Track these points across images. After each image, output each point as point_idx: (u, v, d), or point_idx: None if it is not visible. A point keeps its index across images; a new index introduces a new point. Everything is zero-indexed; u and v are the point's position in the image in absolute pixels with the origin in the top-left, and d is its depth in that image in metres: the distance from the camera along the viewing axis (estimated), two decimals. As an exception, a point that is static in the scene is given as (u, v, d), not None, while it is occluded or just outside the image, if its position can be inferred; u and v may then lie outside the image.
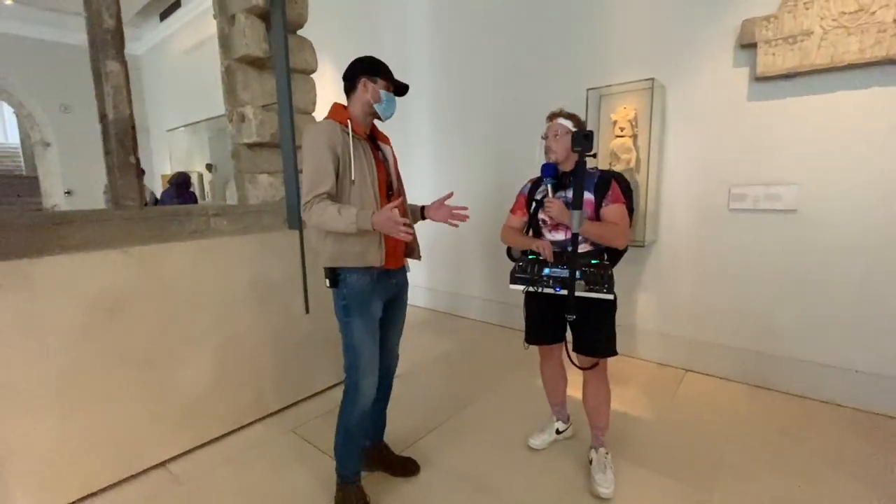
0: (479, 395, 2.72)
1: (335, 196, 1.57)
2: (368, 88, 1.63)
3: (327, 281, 1.67)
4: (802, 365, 2.58)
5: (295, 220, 2.60)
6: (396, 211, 1.48)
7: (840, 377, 2.48)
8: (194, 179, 7.51)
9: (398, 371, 2.00)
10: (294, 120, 2.57)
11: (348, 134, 1.57)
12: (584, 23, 3.18)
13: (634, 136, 2.93)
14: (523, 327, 2.04)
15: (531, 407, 2.51)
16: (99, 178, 6.55)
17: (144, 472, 2.02)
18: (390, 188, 1.73)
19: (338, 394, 2.73)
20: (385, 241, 1.63)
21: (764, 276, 2.66)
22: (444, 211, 1.79)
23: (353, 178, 1.57)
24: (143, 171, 6.00)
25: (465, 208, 1.78)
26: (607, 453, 1.94)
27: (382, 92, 1.63)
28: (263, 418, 2.48)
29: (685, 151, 2.86)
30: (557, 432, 2.20)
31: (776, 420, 2.37)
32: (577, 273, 1.69)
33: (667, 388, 2.76)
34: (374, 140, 1.75)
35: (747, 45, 2.51)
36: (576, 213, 1.63)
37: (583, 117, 2.98)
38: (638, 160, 2.94)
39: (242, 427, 2.39)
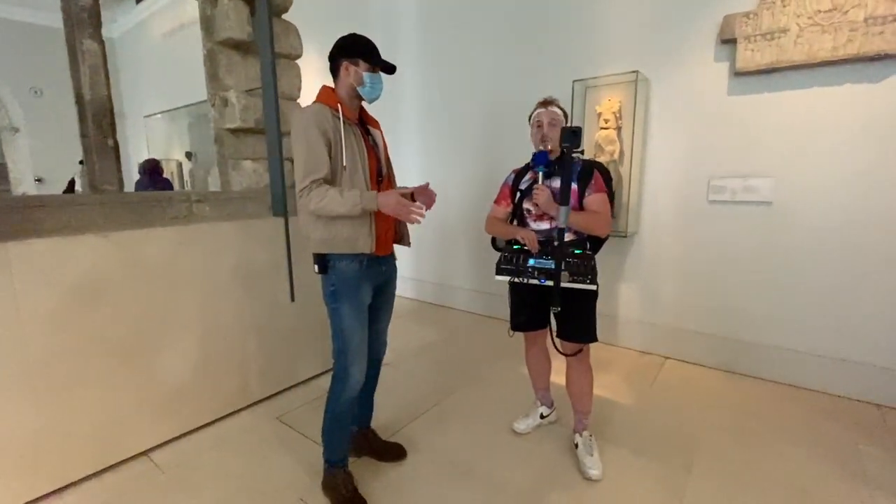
0: (464, 382, 2.75)
1: (330, 182, 1.56)
2: (350, 72, 1.60)
3: (316, 267, 1.66)
4: (776, 351, 2.69)
5: (280, 208, 2.57)
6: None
7: (810, 363, 2.59)
8: (173, 168, 7.34)
9: (385, 359, 2.01)
10: (279, 106, 2.53)
11: (339, 118, 1.56)
12: (570, 14, 3.20)
13: (619, 129, 2.98)
14: (509, 317, 2.07)
15: (515, 394, 2.55)
16: (72, 165, 6.29)
17: (125, 461, 1.99)
18: (380, 174, 1.73)
19: (323, 382, 2.76)
20: (375, 227, 1.62)
21: (740, 266, 2.76)
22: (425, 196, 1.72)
23: (344, 164, 1.56)
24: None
25: (422, 207, 1.66)
26: (591, 436, 2.00)
27: (365, 74, 1.60)
28: (248, 407, 2.46)
29: (667, 144, 2.92)
30: (542, 417, 2.24)
31: (751, 403, 2.47)
32: (562, 264, 1.72)
33: (647, 375, 2.84)
34: (364, 124, 1.74)
35: (727, 41, 2.57)
36: (563, 208, 1.65)
37: (568, 109, 3.04)
38: (622, 152, 3.00)
39: (227, 415, 2.37)
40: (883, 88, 2.24)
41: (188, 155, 7.18)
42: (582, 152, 1.79)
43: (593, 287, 1.74)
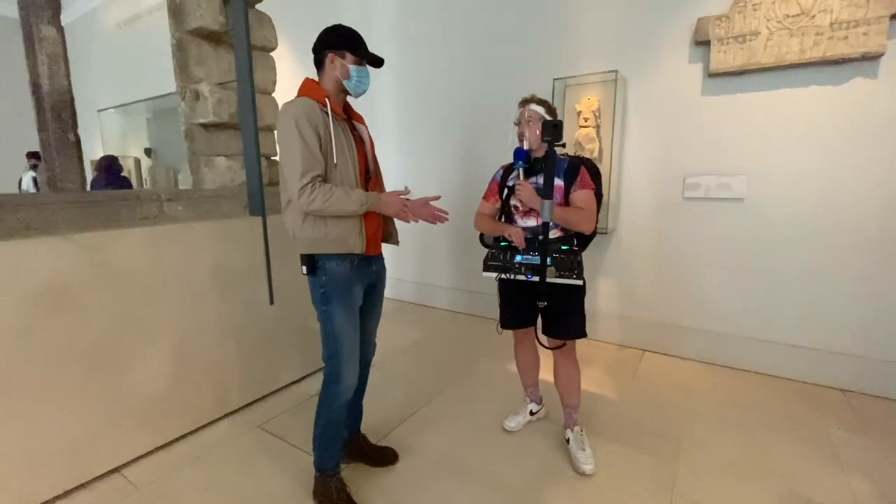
0: (451, 382, 2.73)
1: (323, 179, 1.50)
2: (336, 64, 1.54)
3: (304, 268, 1.59)
4: (749, 342, 2.81)
5: (257, 206, 2.46)
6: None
7: (782, 352, 2.72)
8: (130, 165, 6.94)
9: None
10: (255, 100, 2.42)
11: (327, 114, 1.50)
12: (551, 13, 3.22)
13: (598, 127, 3.02)
14: (492, 315, 2.07)
15: (503, 392, 2.55)
16: (18, 161, 5.85)
17: (97, 479, 1.85)
18: (368, 171, 1.67)
19: (305, 387, 2.68)
20: (365, 227, 1.57)
21: (714, 260, 2.86)
22: (427, 209, 1.64)
23: (335, 161, 1.50)
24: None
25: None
26: (582, 431, 2.01)
27: (352, 67, 1.54)
28: (227, 416, 2.35)
29: (644, 142, 3.00)
30: (531, 414, 2.25)
31: (728, 393, 2.56)
32: (548, 260, 1.72)
33: (628, 368, 2.90)
34: (350, 119, 1.68)
35: (701, 43, 2.66)
36: (546, 202, 1.65)
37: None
38: (601, 150, 3.05)
39: (204, 426, 2.25)
40: (846, 90, 2.37)
41: (147, 152, 6.81)
42: (563, 146, 1.80)
43: (579, 282, 1.76)
